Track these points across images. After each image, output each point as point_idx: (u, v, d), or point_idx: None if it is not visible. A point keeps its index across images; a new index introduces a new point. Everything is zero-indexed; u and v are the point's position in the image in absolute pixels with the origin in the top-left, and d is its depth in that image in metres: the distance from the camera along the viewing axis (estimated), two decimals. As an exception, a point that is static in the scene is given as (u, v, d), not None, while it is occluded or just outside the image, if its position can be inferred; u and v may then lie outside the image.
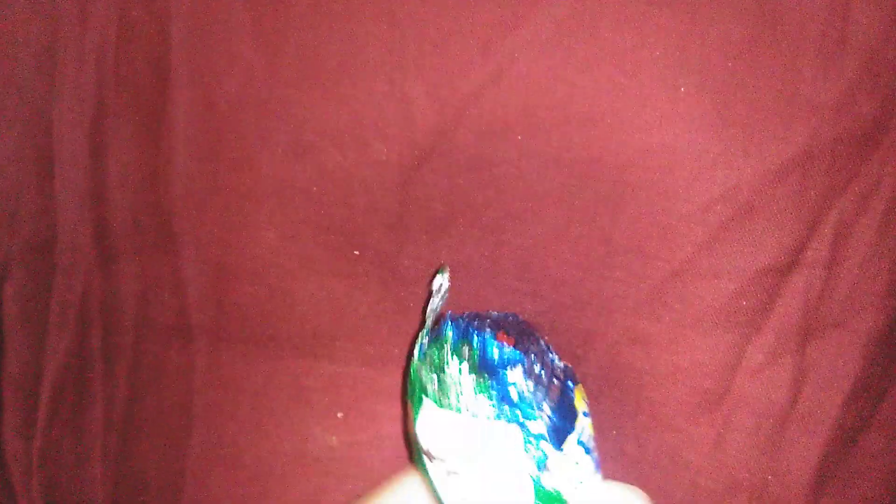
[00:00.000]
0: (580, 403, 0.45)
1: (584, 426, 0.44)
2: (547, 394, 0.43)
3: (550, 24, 0.52)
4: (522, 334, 0.46)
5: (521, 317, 0.51)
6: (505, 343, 0.44)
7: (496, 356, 0.43)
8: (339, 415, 0.60)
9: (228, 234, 0.59)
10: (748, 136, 0.50)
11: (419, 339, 0.48)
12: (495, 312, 0.51)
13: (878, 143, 0.49)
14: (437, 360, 0.45)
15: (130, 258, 0.61)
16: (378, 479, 0.52)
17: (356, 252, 0.58)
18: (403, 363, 0.58)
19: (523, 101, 0.52)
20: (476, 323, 0.45)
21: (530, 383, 0.42)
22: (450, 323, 0.46)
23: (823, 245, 0.51)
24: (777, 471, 0.53)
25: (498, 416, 0.42)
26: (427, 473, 0.45)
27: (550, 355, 0.47)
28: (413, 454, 0.49)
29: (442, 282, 0.47)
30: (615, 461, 0.55)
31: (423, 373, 0.45)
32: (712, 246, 0.52)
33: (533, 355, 0.44)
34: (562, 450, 0.42)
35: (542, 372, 0.44)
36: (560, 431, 0.42)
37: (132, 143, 0.58)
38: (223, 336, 0.60)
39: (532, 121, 0.52)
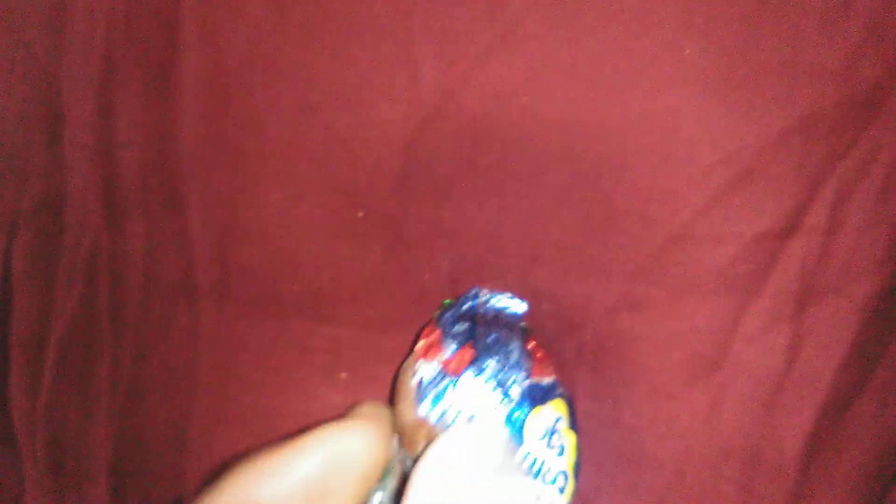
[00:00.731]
0: (535, 428, 0.46)
1: (536, 449, 0.45)
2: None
3: None
4: (489, 349, 0.47)
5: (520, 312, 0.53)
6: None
7: None
8: (343, 375, 0.61)
9: (235, 194, 0.59)
10: (751, 99, 0.50)
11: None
12: (494, 303, 0.51)
13: (879, 107, 0.49)
14: None
15: (138, 217, 0.61)
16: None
17: (361, 214, 0.58)
18: (405, 326, 0.59)
19: (529, 63, 0.52)
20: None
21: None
22: None
23: (823, 210, 0.51)
24: (770, 437, 0.54)
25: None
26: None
27: (516, 373, 0.47)
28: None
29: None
30: (610, 429, 0.56)
31: None
32: (712, 210, 0.52)
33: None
34: None
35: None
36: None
37: (140, 102, 0.59)
38: (228, 296, 0.61)
39: (537, 83, 0.52)
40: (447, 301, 0.54)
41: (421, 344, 0.49)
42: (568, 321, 0.56)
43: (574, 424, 0.47)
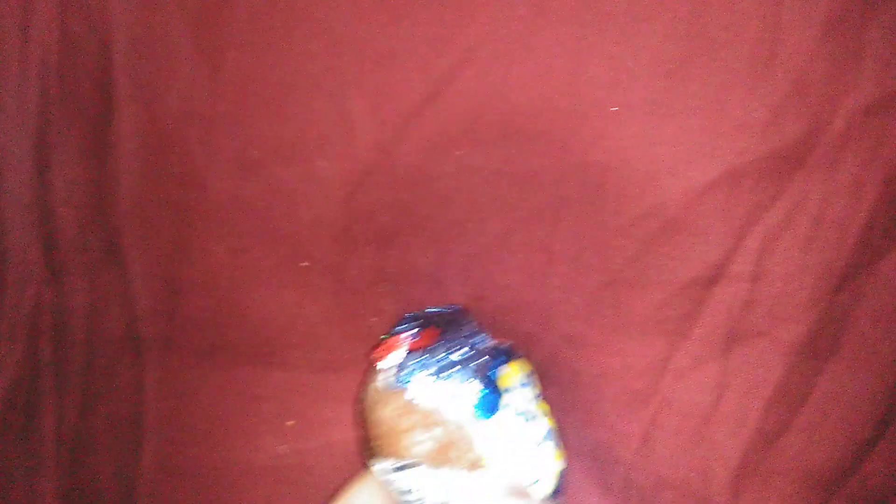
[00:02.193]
0: (510, 379, 0.49)
1: (517, 398, 0.49)
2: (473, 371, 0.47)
3: (489, 44, 0.53)
4: (449, 324, 0.51)
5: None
6: None
7: None
8: (290, 423, 0.62)
9: (177, 249, 0.60)
10: (676, 154, 0.52)
11: None
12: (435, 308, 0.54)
13: (803, 162, 0.51)
14: None
15: (80, 272, 0.61)
16: (328, 486, 0.54)
17: (305, 263, 0.59)
18: (354, 368, 0.60)
19: (463, 117, 0.54)
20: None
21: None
22: None
23: (749, 259, 0.53)
24: (700, 468, 0.57)
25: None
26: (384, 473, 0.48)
27: (478, 338, 0.51)
28: (368, 457, 0.51)
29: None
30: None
31: None
32: (641, 258, 0.54)
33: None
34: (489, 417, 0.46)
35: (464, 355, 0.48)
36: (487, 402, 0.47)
37: (77, 159, 0.59)
38: (174, 348, 0.61)
39: (472, 136, 0.54)
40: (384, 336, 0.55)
41: (377, 354, 0.51)
42: None
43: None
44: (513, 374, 0.50)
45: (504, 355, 0.51)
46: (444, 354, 0.49)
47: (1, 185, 0.60)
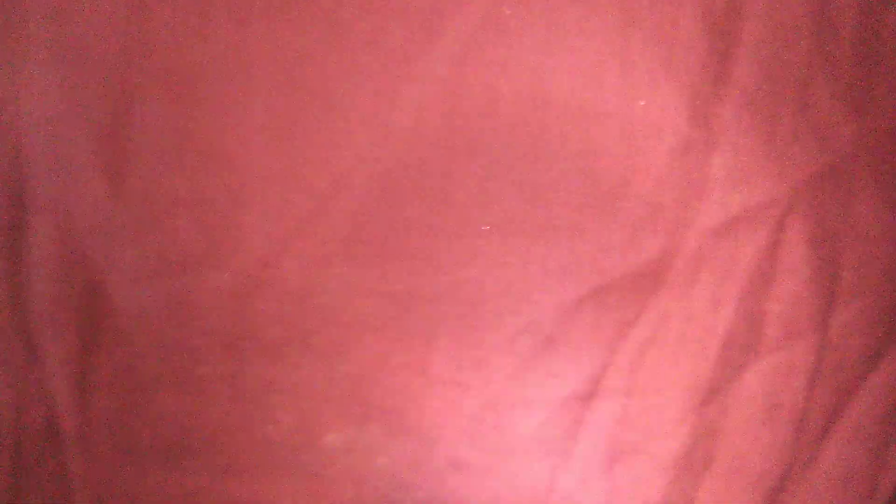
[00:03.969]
0: None
1: None
2: None
3: (363, 166, 0.56)
4: None
5: None
6: None
7: None
8: None
9: (85, 352, 0.61)
10: (544, 273, 0.54)
11: None
12: None
13: (662, 280, 0.53)
14: None
15: (5, 370, 0.63)
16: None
17: (200, 371, 0.60)
18: (256, 473, 0.60)
19: (343, 235, 0.56)
20: None
21: None
22: None
23: (621, 374, 0.54)
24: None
25: None
26: None
27: None
28: None
29: None
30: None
31: None
32: (521, 376, 0.55)
33: None
34: None
35: None
36: None
37: (-10, 265, 0.61)
38: (91, 443, 0.62)
39: (351, 254, 0.56)
40: None
41: None
42: (401, 480, 0.58)
43: None
44: None
45: None
46: None
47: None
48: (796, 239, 0.55)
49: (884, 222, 0.55)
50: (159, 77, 0.57)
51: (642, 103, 0.54)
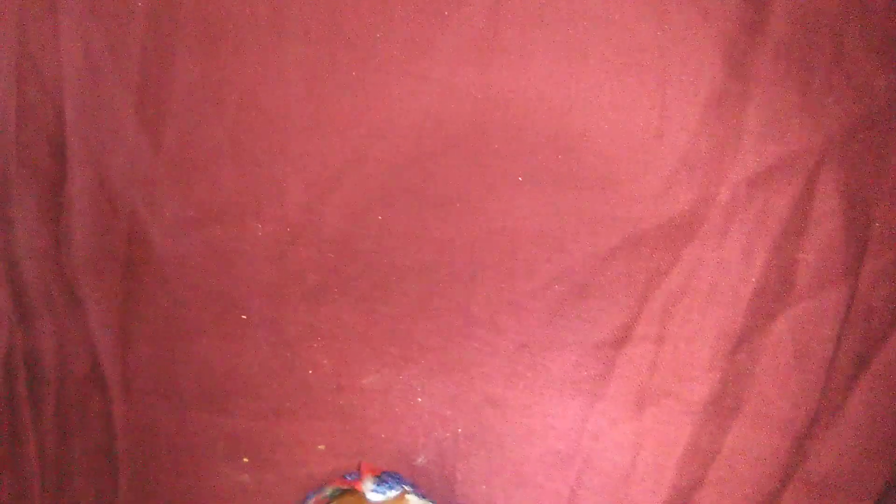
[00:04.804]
0: None
1: None
2: None
3: (403, 115, 0.57)
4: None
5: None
6: None
7: None
8: (245, 460, 0.65)
9: (127, 299, 0.63)
10: (577, 223, 0.55)
11: None
12: None
13: (695, 231, 0.54)
14: None
15: (46, 317, 0.65)
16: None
17: (243, 316, 0.62)
18: (292, 417, 0.63)
19: (382, 183, 0.57)
20: None
21: None
22: None
23: (652, 322, 0.56)
24: (624, 527, 0.58)
25: None
26: None
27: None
28: None
29: None
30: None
31: None
32: (554, 321, 0.57)
33: None
34: None
35: None
36: None
37: (36, 215, 0.63)
38: (133, 388, 0.65)
39: (391, 201, 0.57)
40: None
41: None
42: (441, 415, 0.61)
43: None
44: None
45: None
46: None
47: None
48: (829, 189, 0.55)
49: (918, 174, 0.55)
50: (194, 29, 0.59)
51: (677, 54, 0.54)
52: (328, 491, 0.57)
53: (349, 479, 0.57)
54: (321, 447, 0.64)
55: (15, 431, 0.66)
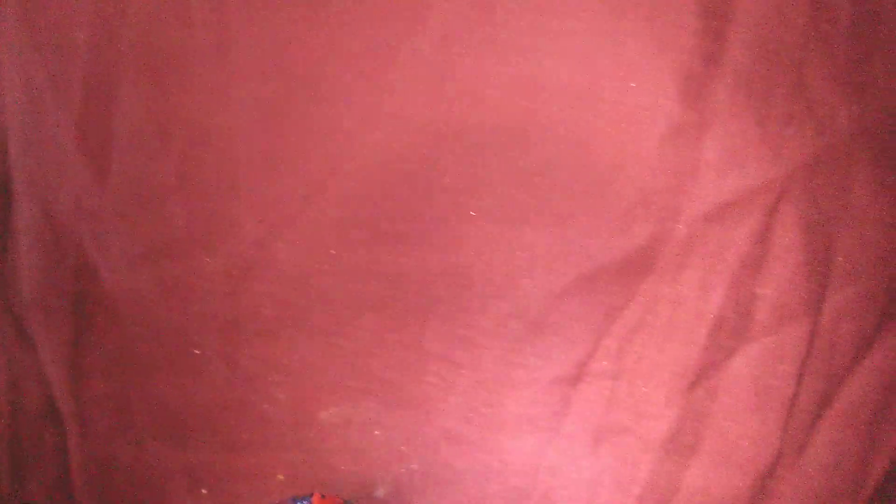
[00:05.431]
0: None
1: None
2: None
3: (355, 152, 0.56)
4: None
5: None
6: None
7: None
8: (203, 491, 0.64)
9: (77, 336, 0.62)
10: (532, 258, 0.55)
11: None
12: None
13: (652, 266, 0.53)
14: None
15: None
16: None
17: (196, 351, 0.61)
18: (253, 448, 0.62)
19: (334, 217, 0.56)
20: None
21: None
22: None
23: (609, 358, 0.55)
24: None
25: None
26: None
27: None
28: None
29: None
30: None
31: None
32: (508, 357, 0.56)
33: None
34: None
35: None
36: None
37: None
38: (88, 423, 0.64)
39: (343, 236, 0.56)
40: None
41: None
42: (397, 450, 0.60)
43: None
44: None
45: None
46: None
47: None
48: (790, 223, 0.54)
49: (880, 206, 0.54)
50: (138, 61, 0.57)
51: (633, 85, 0.53)
52: None
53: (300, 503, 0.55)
54: (280, 477, 0.63)
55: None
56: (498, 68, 0.55)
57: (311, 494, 0.56)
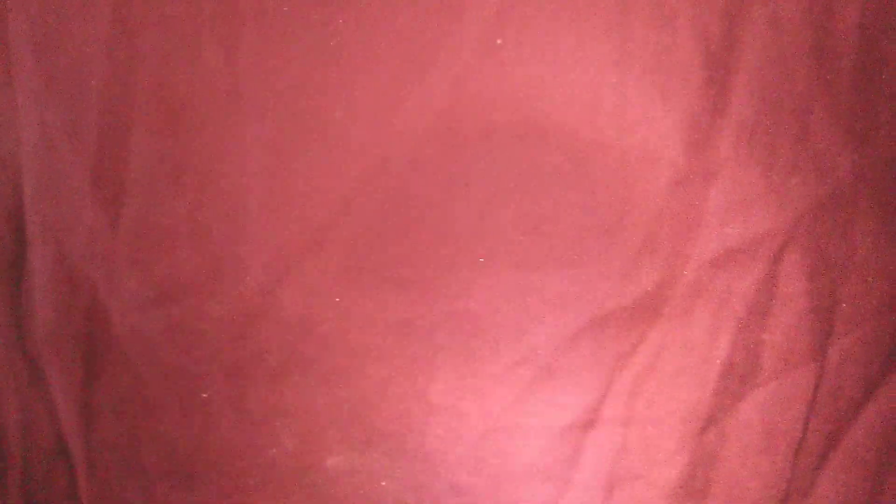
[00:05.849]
0: None
1: None
2: None
3: (362, 195, 0.57)
4: None
5: None
6: None
7: None
8: None
9: (88, 377, 0.62)
10: (541, 304, 0.54)
11: None
12: None
13: (659, 311, 0.53)
14: None
15: (10, 393, 0.64)
16: None
17: (204, 395, 0.61)
18: (259, 496, 0.62)
19: (340, 264, 0.56)
20: None
21: None
22: None
23: (619, 404, 0.55)
24: None
25: None
26: None
27: None
28: None
29: None
30: None
31: None
32: (519, 405, 0.56)
33: None
34: None
35: None
36: None
37: (-4, 296, 0.62)
38: (98, 464, 0.64)
39: (348, 283, 0.56)
40: None
41: None
42: (404, 503, 0.59)
43: None
44: None
45: None
46: None
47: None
48: (794, 270, 0.55)
49: (883, 253, 0.55)
50: (150, 105, 0.58)
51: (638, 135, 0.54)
52: None
53: None
54: (288, 523, 0.62)
55: (-22, 506, 0.64)
56: (505, 116, 0.55)
57: None
